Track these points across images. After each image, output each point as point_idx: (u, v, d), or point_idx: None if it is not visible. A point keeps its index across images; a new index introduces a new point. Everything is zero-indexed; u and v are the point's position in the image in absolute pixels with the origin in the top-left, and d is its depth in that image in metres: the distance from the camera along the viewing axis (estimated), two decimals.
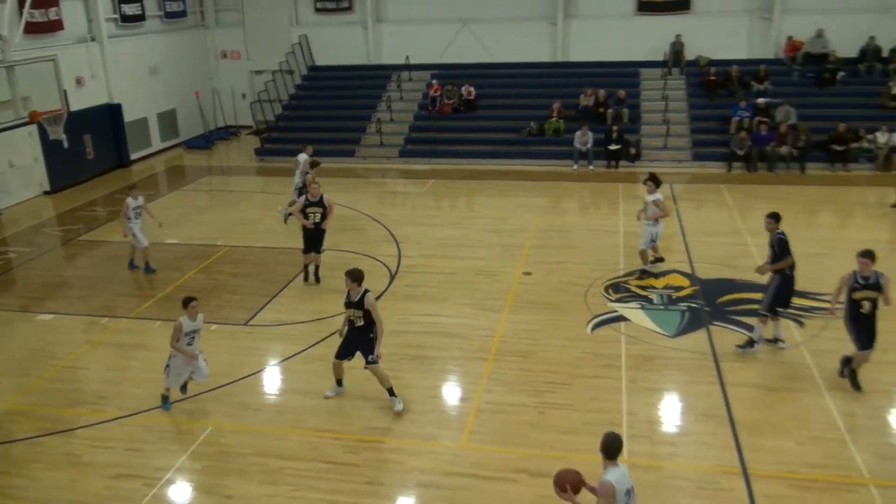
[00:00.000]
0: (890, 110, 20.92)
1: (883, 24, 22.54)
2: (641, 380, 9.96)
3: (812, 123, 20.63)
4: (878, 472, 7.96)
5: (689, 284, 12.96)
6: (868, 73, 22.28)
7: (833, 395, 9.40)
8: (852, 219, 16.70)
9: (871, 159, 19.95)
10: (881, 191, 18.33)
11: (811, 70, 22.63)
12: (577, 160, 21.26)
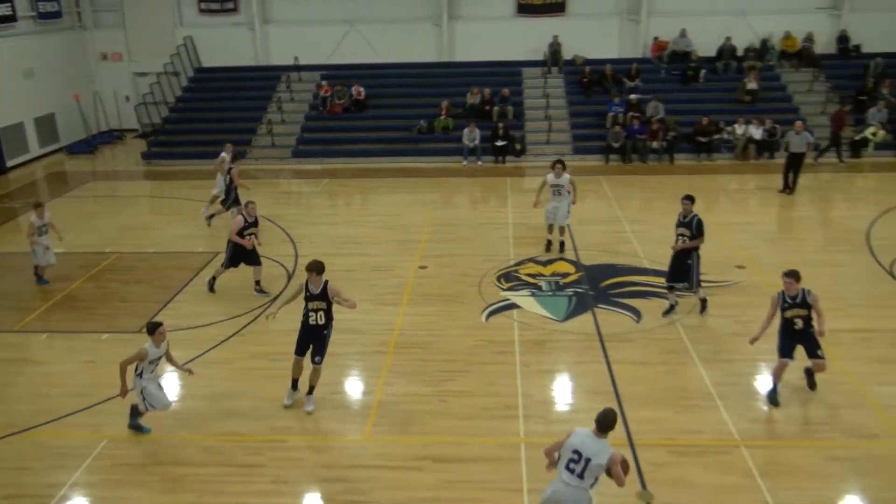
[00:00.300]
0: (745, 104, 22.35)
1: (736, 26, 24.06)
2: (534, 363, 10.23)
3: (679, 117, 21.75)
4: (747, 433, 8.52)
5: (575, 271, 13.39)
6: (725, 70, 23.71)
7: (706, 367, 9.97)
8: (717, 204, 17.72)
9: (731, 149, 21.25)
10: (741, 177, 19.59)
11: (676, 68, 23.85)
12: (466, 156, 21.53)
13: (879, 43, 23.79)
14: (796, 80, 23.46)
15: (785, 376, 9.75)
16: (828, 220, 16.25)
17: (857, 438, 8.37)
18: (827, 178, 19.35)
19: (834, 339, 10.58)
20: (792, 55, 23.98)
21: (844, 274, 12.90)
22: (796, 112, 22.33)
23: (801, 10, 24.17)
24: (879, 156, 20.81)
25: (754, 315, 11.36)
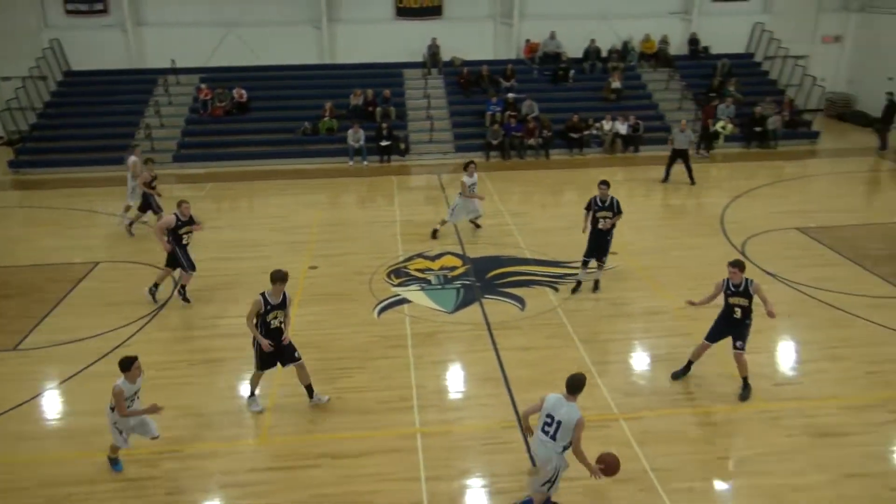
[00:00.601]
0: (611, 102, 23.39)
1: (600, 30, 25.14)
2: (427, 355, 10.31)
3: (552, 115, 22.47)
4: (625, 407, 8.96)
5: (462, 264, 13.60)
6: (591, 70, 24.72)
7: (586, 348, 10.39)
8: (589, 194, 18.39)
9: (601, 144, 22.20)
10: (610, 170, 20.46)
11: (548, 69, 24.64)
12: (351, 156, 21.35)
13: (725, 45, 25.59)
14: (655, 79, 24.79)
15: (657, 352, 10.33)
16: (688, 207, 17.29)
17: (719, 404, 8.98)
18: (682, 168, 20.54)
19: (697, 315, 11.31)
20: (650, 56, 25.33)
21: (705, 256, 13.79)
22: (656, 108, 23.68)
23: (656, 15, 25.59)
24: (729, 147, 22.34)
25: (628, 298, 11.99)
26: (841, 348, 10.26)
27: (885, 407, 8.87)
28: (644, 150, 22.12)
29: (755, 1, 25.97)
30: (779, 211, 16.37)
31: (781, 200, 17.29)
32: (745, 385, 9.17)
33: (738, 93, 23.48)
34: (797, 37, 25.97)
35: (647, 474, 7.75)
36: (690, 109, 23.43)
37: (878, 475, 7.70)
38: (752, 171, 20.22)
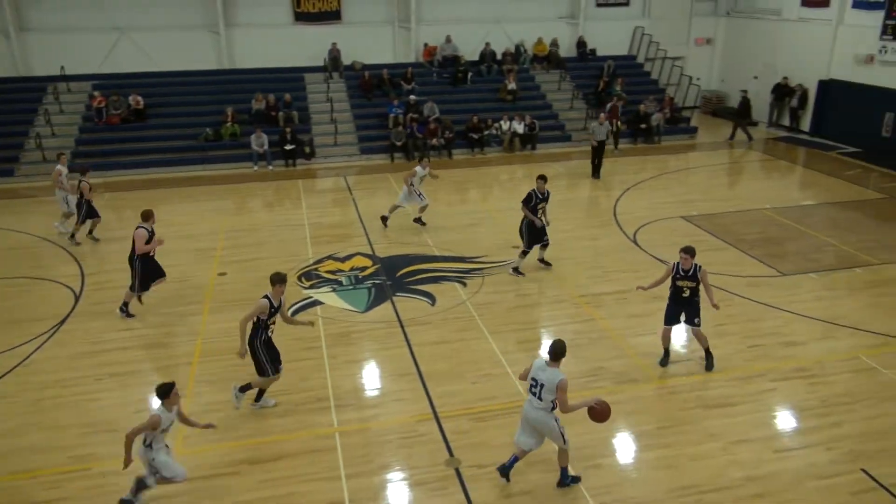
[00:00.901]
0: (508, 103, 23.83)
1: (495, 33, 25.56)
2: (341, 355, 10.18)
3: (453, 116, 22.67)
4: None
5: (372, 264, 13.51)
6: (488, 72, 25.09)
7: (495, 338, 10.55)
8: (492, 192, 18.78)
9: (500, 143, 22.59)
10: (509, 168, 20.90)
11: (446, 71, 24.81)
12: (256, 161, 20.78)
13: (610, 47, 26.58)
14: (547, 81, 25.44)
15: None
16: (583, 201, 17.86)
17: (621, 384, 9.33)
18: (576, 164, 21.23)
19: (597, 302, 11.72)
20: (542, 58, 25.97)
21: (601, 245, 14.29)
22: (550, 108, 24.30)
23: (546, 19, 26.26)
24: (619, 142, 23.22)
25: (532, 288, 12.27)
26: (726, 325, 10.88)
27: (766, 377, 9.48)
28: (541, 147, 22.69)
29: (635, 7, 27.10)
30: (665, 201, 17.17)
31: (666, 192, 18.14)
32: (707, 355, 9.69)
33: (624, 92, 24.44)
34: (673, 39, 27.36)
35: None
36: (581, 108, 24.21)
37: (763, 439, 8.22)
38: (639, 165, 21.11)
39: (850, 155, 21.59)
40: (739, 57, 27.38)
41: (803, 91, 24.11)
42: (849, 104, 22.38)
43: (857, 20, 22.05)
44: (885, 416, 8.59)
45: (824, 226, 15.44)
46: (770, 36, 25.66)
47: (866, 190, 18.17)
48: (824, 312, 11.28)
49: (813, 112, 23.94)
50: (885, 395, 9.03)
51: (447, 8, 25.25)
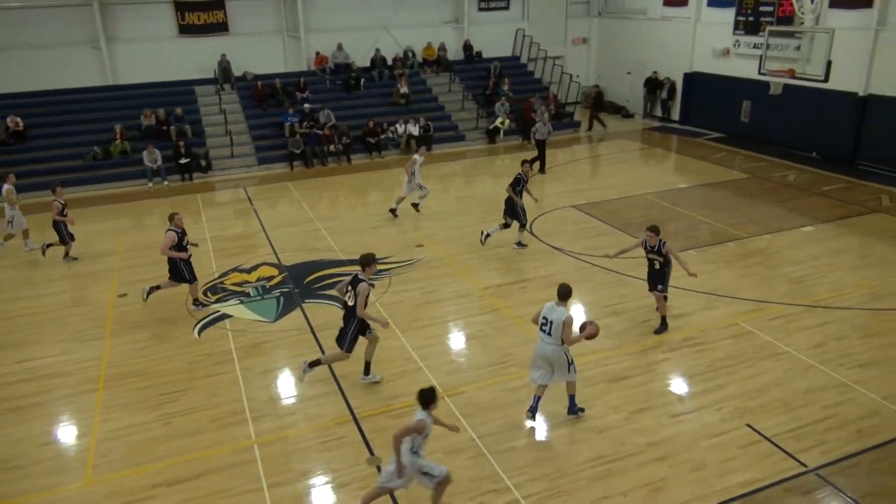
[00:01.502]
0: (401, 106, 23.84)
1: (384, 39, 25.52)
2: (254, 366, 9.88)
3: (349, 122, 22.45)
4: (447, 384, 9.22)
5: (279, 273, 13.17)
6: (380, 78, 25.00)
7: (406, 336, 10.54)
8: (393, 194, 18.70)
9: (397, 146, 22.58)
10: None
11: (339, 78, 24.52)
12: (150, 178, 19.80)
13: (494, 49, 27.10)
14: (438, 83, 25.64)
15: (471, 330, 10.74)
16: (480, 196, 18.11)
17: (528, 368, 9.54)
18: (471, 162, 21.56)
19: (501, 293, 11.94)
20: (432, 62, 26.14)
21: (501, 239, 14.52)
22: (443, 109, 24.51)
23: (432, 24, 26.45)
24: (509, 141, 23.76)
25: (438, 284, 12.34)
26: (620, 304, 11.36)
27: (659, 349, 9.97)
28: (436, 147, 22.86)
29: (515, 10, 27.76)
30: (556, 192, 17.71)
31: (557, 183, 18.71)
32: (662, 322, 10.53)
33: (511, 91, 25.00)
34: (552, 40, 28.24)
35: (475, 442, 8.06)
36: (472, 109, 24.56)
37: (660, 406, 8.65)
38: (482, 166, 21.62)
39: (716, 140, 23.05)
40: (613, 54, 28.63)
41: (671, 84, 25.55)
42: (711, 94, 23.87)
43: (713, 17, 23.54)
44: (763, 375, 9.23)
45: (699, 206, 16.41)
46: (638, 34, 26.98)
47: (732, 171, 19.45)
48: (704, 285, 11.99)
49: (681, 103, 25.40)
50: (762, 355, 9.70)
51: (335, 16, 24.94)
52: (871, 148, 19.00)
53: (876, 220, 15.06)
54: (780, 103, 20.33)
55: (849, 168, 19.05)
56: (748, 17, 21.90)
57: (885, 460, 7.54)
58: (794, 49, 18.18)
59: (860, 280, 12.02)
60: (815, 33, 17.68)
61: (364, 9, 25.24)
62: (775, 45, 18.57)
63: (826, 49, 16.95)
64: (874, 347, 9.80)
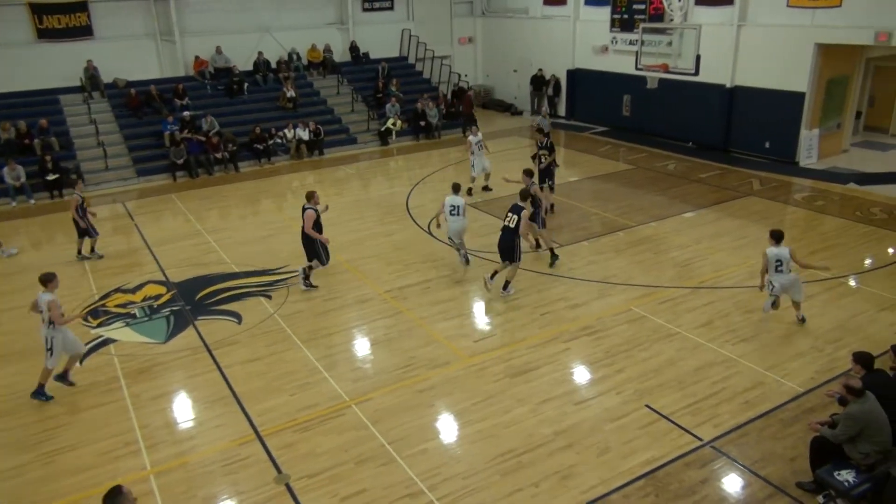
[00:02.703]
0: (289, 110, 23.34)
1: (266, 42, 24.86)
2: (145, 392, 9.36)
3: (234, 128, 21.73)
4: (354, 392, 9.12)
5: (167, 290, 12.55)
6: (265, 82, 24.36)
7: (308, 347, 10.33)
8: (285, 201, 18.28)
9: (287, 151, 22.07)
10: (300, 175, 20.53)
11: (220, 83, 23.68)
12: (14, 197, 18.31)
13: (382, 50, 27.06)
14: (326, 86, 25.30)
15: (375, 335, 10.68)
16: (376, 199, 18.05)
17: (434, 369, 9.61)
18: (365, 164, 21.44)
19: (403, 295, 11.93)
20: (318, 64, 25.76)
21: (399, 240, 14.56)
22: (332, 112, 24.22)
23: (316, 26, 26.05)
24: (402, 141, 23.81)
25: (338, 291, 12.18)
26: (519, 298, 11.64)
27: (559, 339, 10.30)
28: (328, 151, 22.56)
29: (399, 10, 27.84)
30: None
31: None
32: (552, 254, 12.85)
33: (400, 92, 25.05)
34: (439, 39, 28.56)
35: (385, 448, 8.01)
36: (363, 111, 24.40)
37: (564, 395, 8.93)
38: (423, 160, 21.80)
39: (601, 134, 24.11)
40: (499, 53, 29.31)
41: (556, 81, 26.48)
42: (594, 90, 24.95)
43: (591, 16, 24.60)
44: (658, 356, 9.73)
45: (588, 198, 17.10)
46: (522, 32, 27.78)
47: (617, 163, 20.41)
48: (598, 274, 12.50)
49: (566, 99, 26.38)
50: (655, 337, 10.23)
51: (212, 19, 24.05)
52: (739, 136, 20.49)
53: (749, 203, 16.24)
54: (657, 97, 21.53)
55: (722, 156, 20.44)
56: (623, 15, 23.05)
57: (770, 427, 8.14)
58: (666, 45, 19.34)
59: (739, 260, 12.93)
60: (684, 29, 18.88)
61: (243, 10, 24.51)
62: (649, 41, 19.69)
63: (695, 44, 18.14)
64: (753, 322, 10.56)
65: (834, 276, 11.95)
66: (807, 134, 18.88)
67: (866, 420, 6.59)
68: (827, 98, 18.96)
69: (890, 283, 11.67)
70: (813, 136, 18.98)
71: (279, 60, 24.88)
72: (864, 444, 6.65)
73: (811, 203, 16.08)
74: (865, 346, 8.63)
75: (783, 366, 9.37)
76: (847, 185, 17.22)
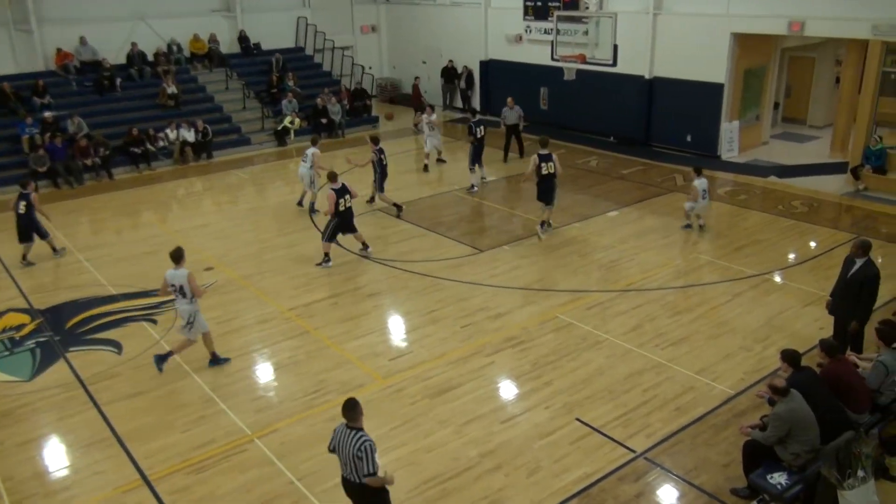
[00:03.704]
0: (171, 109, 22.59)
1: (141, 31, 23.96)
2: (8, 438, 8.81)
3: (106, 130, 20.82)
4: (256, 425, 8.91)
5: (31, 319, 11.87)
6: (141, 76, 23.48)
7: (201, 376, 10.02)
8: (171, 212, 17.65)
9: (170, 155, 21.34)
10: (186, 181, 19.90)
11: (88, 79, 22.63)
12: None
13: (275, 40, 26.63)
14: (212, 81, 24.64)
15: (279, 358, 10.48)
16: (275, 205, 17.69)
17: (346, 393, 9.49)
18: (261, 168, 21.01)
19: (309, 312, 11.78)
20: (203, 57, 25.07)
21: (302, 252, 14.35)
22: (221, 110, 23.63)
23: (199, 13, 25.34)
24: (301, 142, 23.43)
25: (236, 311, 11.89)
26: (438, 310, 11.70)
27: (481, 353, 10.42)
28: (217, 154, 21.99)
29: None
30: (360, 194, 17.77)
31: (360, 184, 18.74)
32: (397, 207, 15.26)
33: (297, 87, 24.74)
34: (339, 28, 28.43)
35: (294, 485, 7.86)
36: (256, 108, 23.93)
37: (489, 413, 9.04)
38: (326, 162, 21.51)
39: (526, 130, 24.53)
40: (406, 43, 29.46)
41: (469, 72, 26.84)
42: (509, 82, 25.43)
43: (503, 2, 25.10)
44: (587, 365, 10.01)
45: (508, 198, 17.43)
46: (429, 21, 28.02)
47: None
48: (521, 280, 12.74)
49: (480, 92, 26.80)
50: (583, 345, 10.53)
51: (76, 5, 22.91)
52: (660, 129, 21.42)
53: (672, 199, 17.00)
54: (575, 89, 22.20)
55: (643, 150, 21.31)
56: (536, 2, 23.67)
57: (703, 433, 8.53)
58: (582, 34, 19.98)
59: (665, 259, 13.50)
60: (600, 18, 19.58)
61: None
62: (565, 30, 20.29)
63: (612, 34, 18.85)
64: (682, 325, 11.05)
65: (759, 272, 12.67)
66: (727, 126, 19.96)
67: (793, 419, 7.01)
68: (745, 89, 20.12)
69: (813, 278, 12.48)
70: (733, 128, 20.08)
71: (157, 52, 24.03)
72: (793, 445, 7.07)
73: (734, 198, 17.00)
74: (793, 343, 9.20)
75: (713, 368, 9.84)
76: (768, 178, 18.32)
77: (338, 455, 6.27)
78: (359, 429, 6.15)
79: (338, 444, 6.21)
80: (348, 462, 6.13)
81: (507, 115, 20.86)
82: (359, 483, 6.12)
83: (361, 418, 6.23)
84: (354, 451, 6.02)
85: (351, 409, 6.19)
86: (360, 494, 6.23)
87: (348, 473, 6.19)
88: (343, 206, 13.25)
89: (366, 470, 6.02)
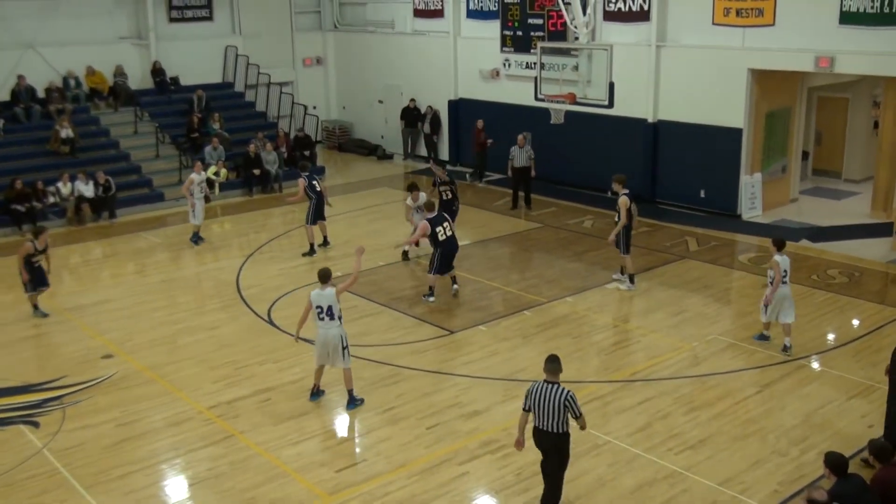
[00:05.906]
0: (66, 156, 22.57)
1: (30, 62, 24.11)
2: None
3: None
4: None
5: None
6: (27, 117, 23.49)
7: (94, 494, 9.72)
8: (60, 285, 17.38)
9: (62, 214, 21.19)
10: (82, 247, 19.70)
11: None
12: None
13: (198, 74, 26.97)
14: (118, 122, 24.78)
15: (196, 470, 10.26)
16: (193, 278, 17.57)
17: None
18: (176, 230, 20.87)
19: (234, 411, 11.60)
20: (106, 94, 25.20)
21: (226, 334, 14.21)
22: (128, 159, 23.70)
23: (103, 41, 25.61)
24: (229, 196, 23.51)
25: (140, 411, 11.65)
26: (398, 407, 11.59)
27: (453, 461, 10.28)
28: (122, 213, 21.91)
29: (221, 22, 27.97)
30: (295, 265, 17.79)
31: (297, 252, 18.77)
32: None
33: (224, 130, 24.90)
34: (277, 61, 28.93)
35: None
36: (174, 156, 24.00)
37: None
38: (259, 221, 21.63)
39: (496, 182, 24.93)
40: (358, 78, 30.02)
41: (434, 114, 27.27)
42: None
43: (475, 31, 25.86)
44: (585, 475, 9.92)
45: (485, 267, 17.51)
46: (387, 52, 28.64)
47: (519, 220, 21.18)
48: (502, 369, 12.70)
49: (449, 137, 27.18)
50: (580, 449, 10.41)
51: None
52: (669, 183, 21.86)
53: (685, 267, 17.26)
54: (565, 135, 22.63)
55: (649, 208, 21.63)
56: (516, 32, 24.34)
57: None
58: (572, 69, 20.55)
59: (678, 341, 13.59)
60: (593, 50, 20.19)
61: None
62: (551, 64, 20.82)
63: (607, 69, 19.35)
64: (702, 423, 11.06)
65: (794, 357, 12.81)
66: (748, 180, 20.47)
67: None
68: (768, 136, 20.73)
69: (857, 364, 12.64)
70: (755, 182, 20.59)
71: (49, 87, 24.12)
72: None
73: (759, 266, 17.28)
74: (836, 445, 9.24)
75: (740, 478, 9.81)
76: (799, 242, 18.70)
77: (534, 410, 8.59)
78: (558, 383, 8.51)
79: (535, 400, 8.55)
80: (552, 413, 8.43)
81: (516, 156, 21.48)
82: (556, 432, 8.55)
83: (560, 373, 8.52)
84: (562, 401, 8.38)
85: (555, 361, 8.58)
86: (556, 441, 8.67)
87: (546, 425, 8.51)
88: (443, 234, 15.07)
89: (575, 412, 8.48)
